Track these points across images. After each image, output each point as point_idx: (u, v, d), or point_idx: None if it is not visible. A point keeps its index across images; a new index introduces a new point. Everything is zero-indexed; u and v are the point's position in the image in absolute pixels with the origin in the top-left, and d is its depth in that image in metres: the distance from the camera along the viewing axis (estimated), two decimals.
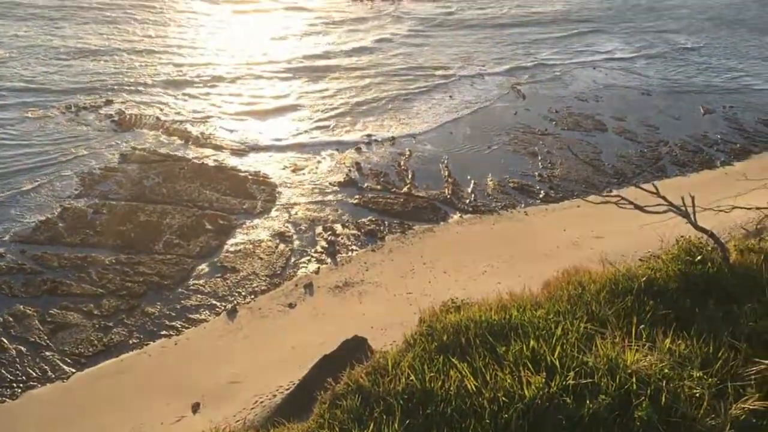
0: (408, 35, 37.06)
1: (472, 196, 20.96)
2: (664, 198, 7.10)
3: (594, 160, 23.44)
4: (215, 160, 22.30)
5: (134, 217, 18.69)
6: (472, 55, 34.08)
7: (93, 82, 27.88)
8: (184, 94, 27.53)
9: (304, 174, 21.92)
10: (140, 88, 27.74)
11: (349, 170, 22.14)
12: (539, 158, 23.47)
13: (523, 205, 20.59)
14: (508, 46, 35.92)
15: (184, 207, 19.34)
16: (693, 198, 7.07)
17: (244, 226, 18.78)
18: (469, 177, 21.97)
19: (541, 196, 21.10)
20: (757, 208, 8.09)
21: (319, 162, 22.76)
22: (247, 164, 22.27)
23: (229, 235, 18.28)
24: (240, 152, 23.10)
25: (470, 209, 20.27)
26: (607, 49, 35.97)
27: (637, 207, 7.35)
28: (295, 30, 37.52)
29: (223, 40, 34.98)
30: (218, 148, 23.27)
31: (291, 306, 15.79)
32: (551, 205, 20.60)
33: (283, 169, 22.17)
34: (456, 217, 19.92)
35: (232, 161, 22.40)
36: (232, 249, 17.72)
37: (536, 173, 22.46)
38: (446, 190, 21.19)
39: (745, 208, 8.18)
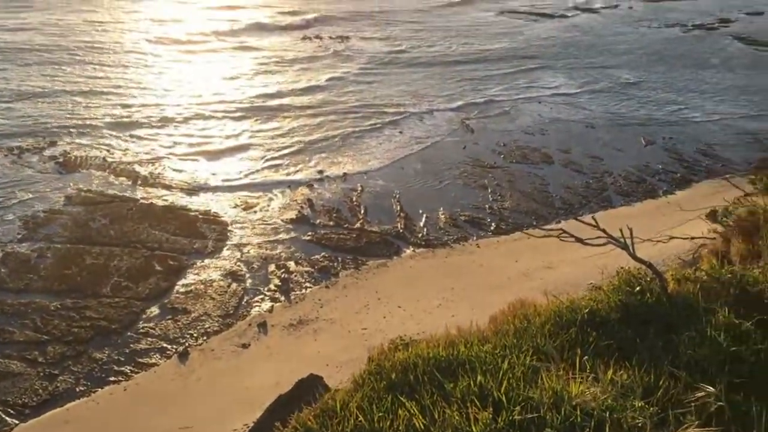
0: (359, 73, 37.48)
1: (425, 230, 21.14)
2: (603, 231, 7.32)
3: (542, 192, 23.92)
4: (164, 200, 22.00)
5: (80, 260, 18.23)
6: (422, 92, 34.68)
7: (37, 124, 27.31)
8: (132, 136, 27.16)
9: (255, 212, 21.79)
10: (86, 130, 27.26)
11: (302, 207, 22.11)
12: (489, 191, 23.85)
13: (474, 238, 20.84)
14: (457, 82, 36.67)
15: (132, 248, 18.97)
16: (631, 230, 7.31)
17: (194, 266, 18.50)
18: (421, 211, 22.17)
19: (492, 228, 21.39)
20: (692, 238, 8.41)
21: (271, 200, 22.67)
22: (197, 203, 22.03)
23: (180, 276, 17.98)
24: (190, 192, 22.84)
25: (423, 243, 20.42)
26: (552, 85, 37.03)
27: (579, 240, 7.55)
28: (246, 69, 37.58)
29: (172, 81, 34.77)
30: (167, 188, 22.98)
31: (245, 346, 15.55)
32: (502, 237, 20.89)
33: (234, 207, 22.01)
34: (409, 251, 20.03)
35: (181, 201, 22.12)
36: (182, 290, 17.42)
37: (487, 206, 22.80)
38: (399, 224, 21.33)
39: (681, 238, 8.48)
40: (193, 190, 22.97)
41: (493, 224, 21.61)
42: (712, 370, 5.84)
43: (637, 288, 6.90)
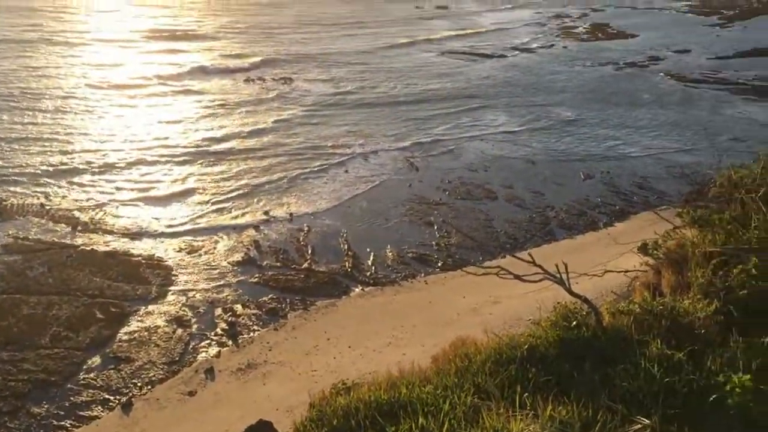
0: (305, 115, 37.71)
1: (373, 268, 21.19)
2: (540, 267, 7.53)
3: (487, 228, 24.32)
4: (106, 246, 21.49)
5: (17, 310, 17.58)
6: (368, 133, 35.09)
7: None
8: (72, 182, 26.52)
9: (201, 255, 21.48)
10: (23, 177, 26.49)
11: (248, 249, 21.91)
12: (435, 228, 24.13)
13: (422, 275, 20.97)
14: (402, 122, 37.27)
15: (72, 297, 18.41)
16: (566, 265, 7.53)
17: (138, 312, 18.06)
18: (368, 250, 22.25)
19: (439, 264, 21.58)
20: (626, 271, 8.70)
21: (216, 242, 22.40)
22: (141, 248, 21.59)
23: (123, 324, 17.50)
24: (133, 237, 22.37)
25: (371, 281, 20.44)
26: (494, 123, 37.95)
27: (517, 277, 7.74)
28: (190, 113, 37.33)
29: (113, 126, 34.23)
30: (109, 233, 22.47)
31: (191, 394, 15.16)
32: (449, 273, 21.05)
33: (179, 251, 21.64)
34: (357, 290, 20.03)
35: (124, 246, 21.65)
36: (125, 338, 16.95)
37: (433, 242, 23.04)
38: (346, 263, 21.33)
39: (616, 271, 8.77)
40: (136, 235, 22.51)
41: (440, 260, 21.81)
42: (648, 402, 6.02)
43: (574, 323, 7.08)
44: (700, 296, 7.45)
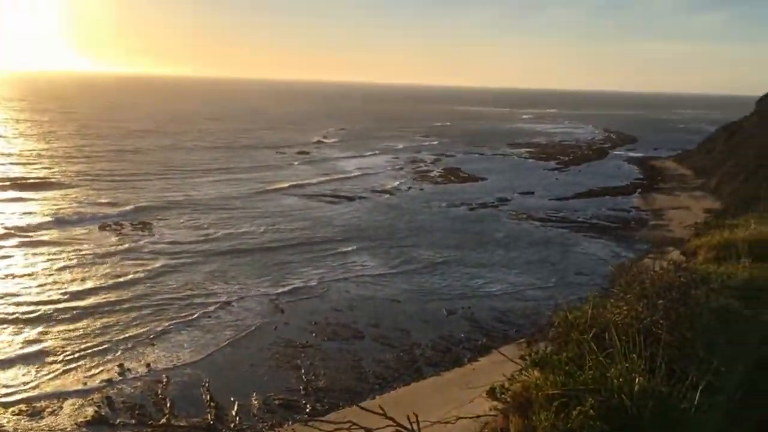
0: (170, 264, 36.59)
1: (237, 418, 20.31)
2: (392, 419, 7.64)
3: (356, 368, 24.25)
4: None
5: None
6: (233, 279, 34.66)
7: None
8: None
9: (43, 418, 19.55)
10: None
11: (99, 407, 20.31)
12: (302, 371, 23.74)
13: (290, 422, 20.31)
14: (268, 267, 37.21)
15: None
16: (417, 416, 7.70)
17: None
18: (232, 399, 21.39)
19: (308, 410, 21.06)
20: (477, 417, 8.99)
21: (63, 401, 20.61)
22: None
23: None
24: None
25: None
26: (358, 264, 38.75)
27: (368, 431, 7.77)
28: (44, 267, 34.96)
29: None
30: None
31: None
32: (318, 419, 20.49)
33: (17, 415, 19.58)
34: None
35: None
36: None
37: (301, 387, 22.58)
38: (209, 415, 20.32)
39: (468, 417, 9.04)
40: None
41: (308, 406, 21.33)
42: None
43: None
44: None
